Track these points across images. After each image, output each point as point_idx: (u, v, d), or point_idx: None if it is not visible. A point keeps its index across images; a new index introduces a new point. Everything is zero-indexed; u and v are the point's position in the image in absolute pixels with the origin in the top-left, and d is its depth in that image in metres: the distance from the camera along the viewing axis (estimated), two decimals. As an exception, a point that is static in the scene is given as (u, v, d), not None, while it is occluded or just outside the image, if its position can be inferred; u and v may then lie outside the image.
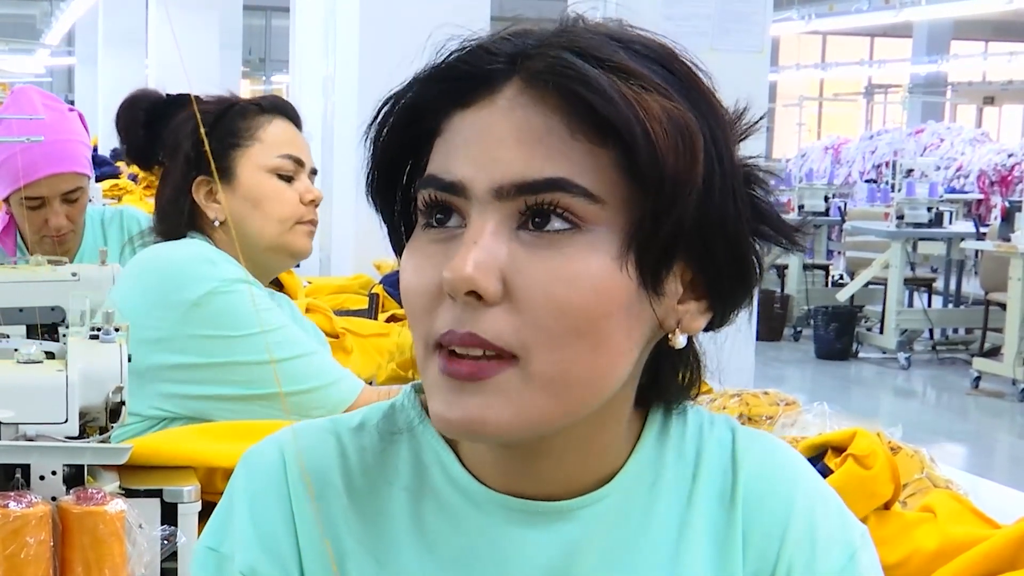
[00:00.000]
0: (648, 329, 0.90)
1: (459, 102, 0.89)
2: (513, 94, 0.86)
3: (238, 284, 1.98)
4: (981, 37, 22.43)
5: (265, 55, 21.13)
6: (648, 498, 0.97)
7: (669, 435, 0.99)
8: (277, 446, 0.99)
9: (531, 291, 0.84)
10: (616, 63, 0.85)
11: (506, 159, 0.85)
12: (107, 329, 1.53)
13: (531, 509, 0.95)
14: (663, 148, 0.83)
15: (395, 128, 0.92)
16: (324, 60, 5.37)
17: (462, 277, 0.83)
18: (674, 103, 0.85)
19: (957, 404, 8.74)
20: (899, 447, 1.94)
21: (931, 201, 10.24)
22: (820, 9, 14.73)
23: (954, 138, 17.66)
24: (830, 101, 23.57)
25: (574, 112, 0.84)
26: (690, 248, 0.87)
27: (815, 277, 11.11)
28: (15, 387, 1.43)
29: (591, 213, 0.85)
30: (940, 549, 1.66)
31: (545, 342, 0.85)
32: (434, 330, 0.87)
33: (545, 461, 0.93)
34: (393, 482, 0.98)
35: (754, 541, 0.97)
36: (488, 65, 0.88)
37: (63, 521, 1.34)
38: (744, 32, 4.33)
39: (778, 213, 0.94)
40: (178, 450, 1.64)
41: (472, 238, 0.85)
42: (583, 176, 0.84)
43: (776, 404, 2.30)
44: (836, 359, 9.78)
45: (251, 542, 0.96)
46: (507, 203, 0.85)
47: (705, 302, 0.92)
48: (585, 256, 0.85)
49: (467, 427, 0.87)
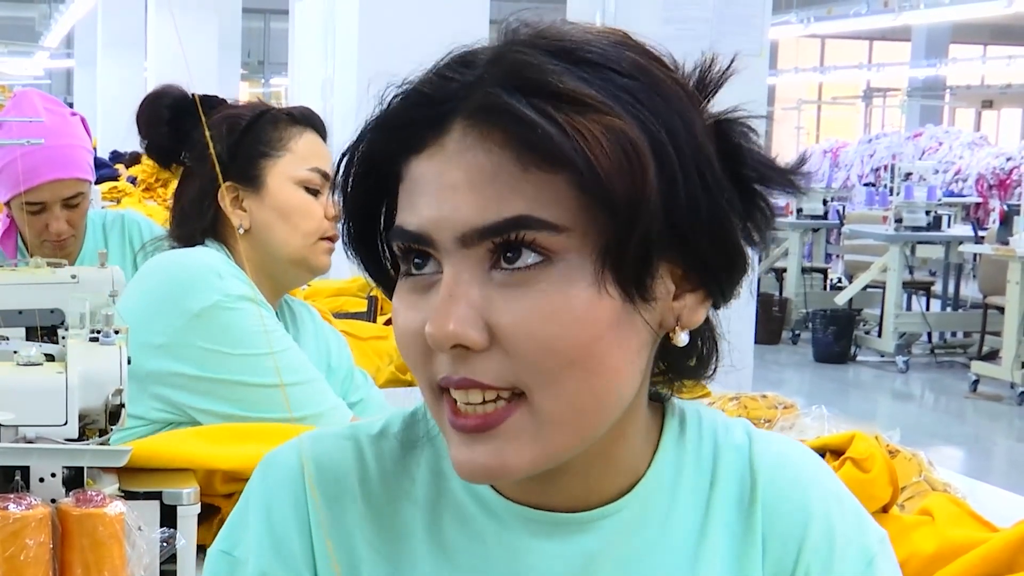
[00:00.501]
0: (645, 336, 0.89)
1: (412, 148, 0.88)
2: (459, 135, 0.85)
3: (243, 302, 1.96)
4: (979, 41, 22.44)
5: (264, 58, 21.13)
6: (666, 506, 0.97)
7: (686, 442, 0.99)
8: (296, 452, 0.99)
9: (516, 334, 0.83)
10: (550, 88, 0.82)
11: (463, 207, 0.84)
12: (107, 332, 1.53)
13: (550, 520, 0.95)
14: (607, 170, 0.81)
15: (357, 179, 0.92)
16: (323, 63, 5.37)
17: (444, 334, 0.83)
18: (614, 117, 0.82)
19: (955, 407, 8.74)
20: (897, 450, 1.95)
21: (929, 204, 10.24)
22: (819, 12, 14.73)
23: (952, 142, 17.68)
24: (829, 104, 23.57)
25: (519, 146, 0.83)
26: (668, 247, 0.86)
27: (813, 280, 11.12)
28: (15, 389, 1.43)
29: (558, 243, 0.83)
30: (938, 552, 1.67)
31: (543, 380, 0.84)
32: (434, 375, 0.87)
33: (566, 476, 0.93)
34: (411, 491, 0.98)
35: (772, 547, 0.96)
36: (430, 109, 0.86)
37: (62, 523, 1.34)
38: (743, 35, 4.33)
39: (765, 158, 0.92)
40: (177, 452, 1.64)
41: (447, 291, 0.84)
42: (542, 208, 0.83)
43: (774, 407, 2.30)
44: (834, 362, 9.79)
45: (265, 547, 0.96)
46: (474, 249, 0.85)
47: (702, 292, 0.91)
48: (561, 289, 0.83)
49: (488, 474, 0.87)
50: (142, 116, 2.17)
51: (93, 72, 13.79)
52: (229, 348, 1.93)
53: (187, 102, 2.12)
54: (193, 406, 1.94)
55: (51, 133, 2.69)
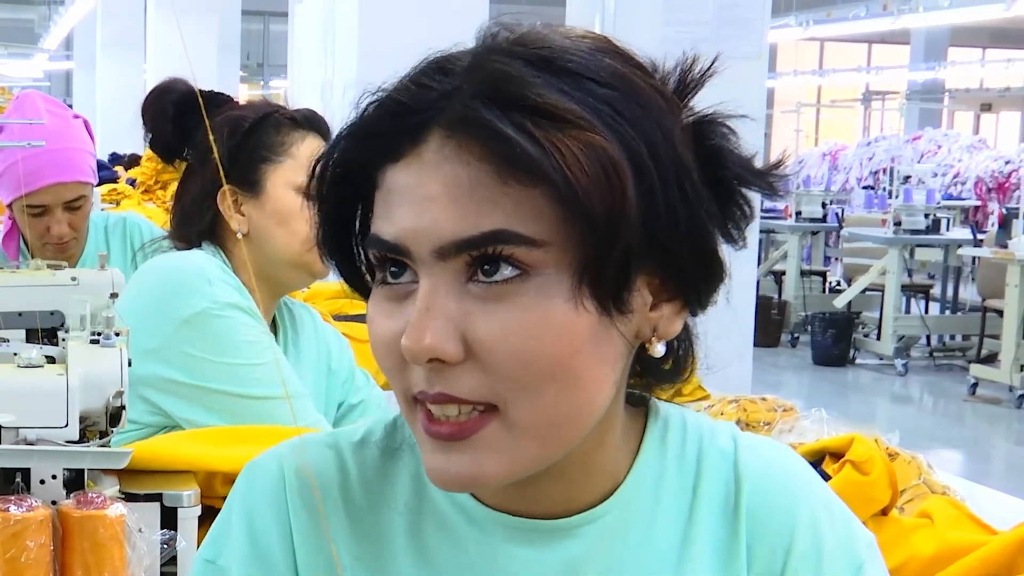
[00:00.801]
0: (621, 347, 0.88)
1: (389, 157, 0.87)
2: (437, 146, 0.84)
3: (231, 309, 1.94)
4: (978, 44, 22.45)
5: (263, 60, 21.13)
6: (649, 512, 0.96)
7: (668, 446, 0.98)
8: (277, 460, 0.99)
9: (492, 348, 0.83)
10: (528, 102, 0.82)
11: (441, 219, 0.83)
12: (107, 334, 1.54)
13: (531, 527, 0.94)
14: (584, 186, 0.80)
15: (332, 186, 0.91)
16: (323, 65, 5.37)
17: (420, 348, 0.83)
18: (592, 133, 0.82)
19: (954, 410, 8.74)
20: (897, 453, 1.95)
21: (928, 208, 10.25)
22: (818, 15, 14.74)
23: (951, 145, 17.68)
24: (828, 107, 23.57)
25: (498, 160, 0.82)
26: (646, 260, 0.85)
27: (812, 283, 11.12)
28: (16, 391, 1.43)
29: (537, 258, 0.83)
30: (937, 555, 1.67)
31: (519, 393, 0.84)
32: (409, 387, 0.87)
33: (545, 482, 0.93)
34: (392, 498, 0.98)
35: (759, 554, 0.96)
36: (407, 119, 0.86)
37: (63, 525, 1.34)
38: (742, 38, 4.33)
39: (744, 159, 0.91)
40: (178, 454, 1.64)
41: (424, 304, 0.84)
42: (521, 223, 0.82)
43: (774, 410, 2.30)
44: (833, 365, 9.79)
45: (247, 556, 0.97)
46: (451, 261, 0.84)
47: (679, 301, 0.90)
48: (539, 303, 0.83)
49: (462, 483, 0.87)
50: (147, 110, 2.15)
51: (92, 74, 13.80)
52: (213, 356, 1.92)
53: (192, 99, 2.10)
54: (178, 414, 1.93)
55: (53, 136, 2.69)
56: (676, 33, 4.13)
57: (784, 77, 20.77)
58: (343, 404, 2.22)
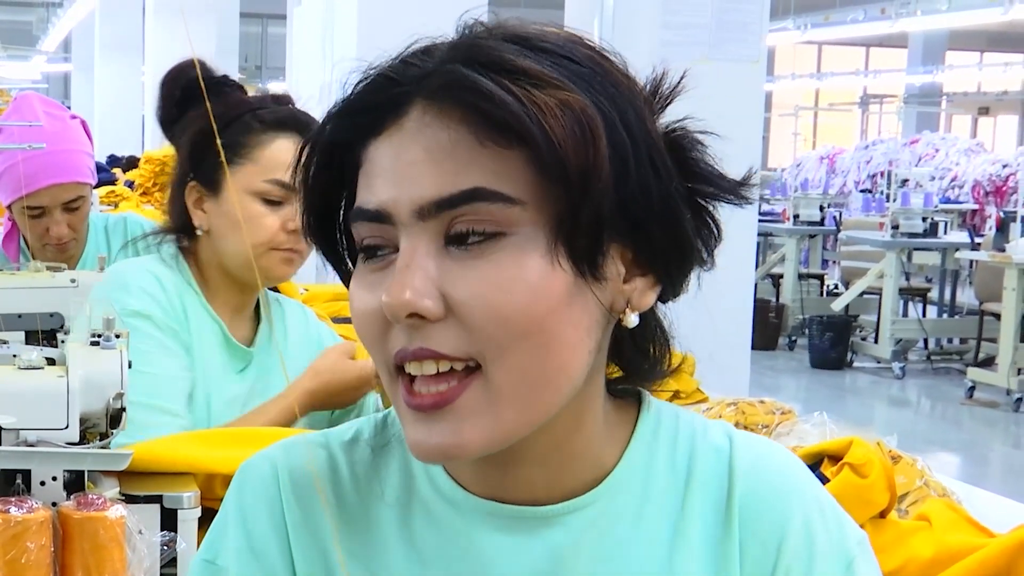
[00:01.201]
0: (597, 316, 0.90)
1: (372, 132, 0.90)
2: (418, 115, 0.87)
3: (135, 317, 1.96)
4: (976, 48, 22.48)
5: (262, 62, 21.12)
6: (638, 505, 0.97)
7: (660, 440, 0.99)
8: (269, 460, 1.01)
9: (470, 303, 0.85)
10: (507, 65, 0.85)
11: (421, 179, 0.86)
12: (108, 335, 1.54)
13: (516, 515, 0.95)
14: (561, 140, 0.83)
15: (319, 168, 0.93)
16: (321, 68, 5.37)
17: (400, 302, 0.85)
18: (569, 92, 0.85)
19: (951, 414, 8.75)
20: (899, 456, 1.95)
21: (926, 211, 10.26)
22: (816, 19, 14.76)
23: (949, 148, 17.68)
24: (825, 111, 23.60)
25: (477, 121, 0.85)
26: (620, 229, 0.88)
27: (810, 286, 11.13)
28: (16, 393, 1.43)
29: (512, 216, 0.85)
30: (935, 558, 1.67)
31: (496, 351, 0.85)
32: (389, 352, 0.88)
33: (525, 466, 0.94)
34: (383, 492, 0.99)
35: (751, 551, 0.97)
36: (389, 92, 0.88)
37: (63, 526, 1.35)
38: (740, 41, 4.34)
39: (717, 171, 0.94)
40: (178, 456, 1.64)
41: (404, 262, 0.86)
42: (498, 181, 0.85)
43: (772, 413, 2.30)
44: (831, 368, 9.79)
45: (245, 554, 0.98)
46: (431, 222, 0.86)
47: (651, 277, 0.92)
48: (515, 259, 0.85)
49: (443, 453, 0.88)
50: (163, 89, 2.16)
51: (91, 76, 13.79)
52: None
53: (196, 85, 2.11)
54: None
55: (51, 137, 2.69)
56: (674, 36, 4.13)
57: (782, 80, 20.79)
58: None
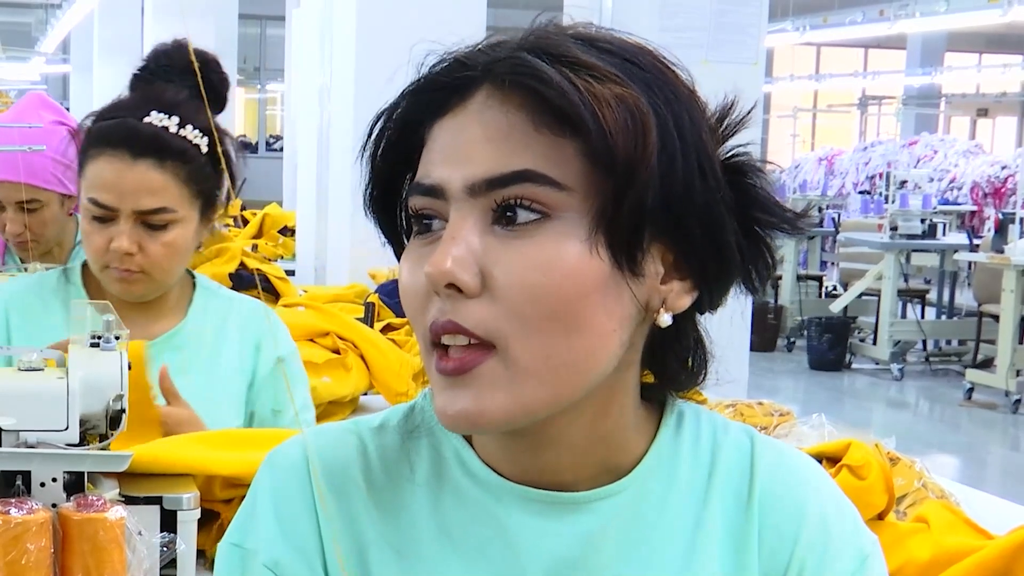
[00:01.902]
0: (630, 310, 0.92)
1: (439, 112, 0.94)
2: (483, 98, 0.91)
3: None
4: (975, 49, 22.47)
5: (260, 64, 21.11)
6: (663, 495, 1.00)
7: (683, 435, 1.02)
8: (300, 446, 1.03)
9: (507, 280, 0.88)
10: (571, 58, 0.89)
11: (476, 157, 0.90)
12: (107, 337, 1.54)
13: (548, 500, 0.97)
14: (613, 130, 0.86)
15: (388, 143, 0.97)
16: (320, 69, 5.38)
17: (441, 271, 0.88)
18: (626, 89, 0.88)
19: (950, 415, 8.75)
20: (898, 458, 1.96)
21: (924, 213, 10.26)
22: (814, 21, 14.75)
23: (948, 150, 17.69)
24: (824, 112, 23.59)
25: (535, 108, 0.88)
26: (662, 228, 0.91)
27: (808, 288, 11.13)
28: (16, 394, 1.43)
29: (558, 201, 0.89)
30: (933, 559, 1.67)
31: (521, 329, 0.88)
32: (427, 324, 0.91)
33: (553, 450, 0.96)
34: (412, 477, 1.01)
35: (767, 539, 0.99)
36: (459, 74, 0.92)
37: (63, 528, 1.35)
38: (738, 43, 4.35)
39: (774, 199, 0.97)
40: (178, 458, 1.64)
41: (450, 234, 0.90)
42: (548, 166, 0.88)
43: (770, 415, 2.30)
44: (829, 370, 9.79)
45: (275, 536, 0.99)
46: (480, 199, 0.90)
47: (689, 282, 0.95)
48: (556, 242, 0.88)
49: (465, 419, 0.91)
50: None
51: (89, 77, 13.78)
52: None
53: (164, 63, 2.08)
54: None
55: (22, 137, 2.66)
56: (673, 39, 4.14)
57: (781, 82, 20.78)
58: (254, 413, 2.15)
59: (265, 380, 2.14)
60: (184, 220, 1.97)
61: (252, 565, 0.99)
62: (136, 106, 1.98)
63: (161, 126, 1.94)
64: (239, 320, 2.16)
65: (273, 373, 2.13)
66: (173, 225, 1.94)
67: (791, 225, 0.97)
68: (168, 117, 1.95)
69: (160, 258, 1.95)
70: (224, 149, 2.02)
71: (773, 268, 0.98)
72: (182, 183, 1.94)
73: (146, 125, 1.94)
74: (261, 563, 0.98)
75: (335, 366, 2.96)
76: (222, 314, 2.15)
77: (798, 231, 0.98)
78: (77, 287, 2.07)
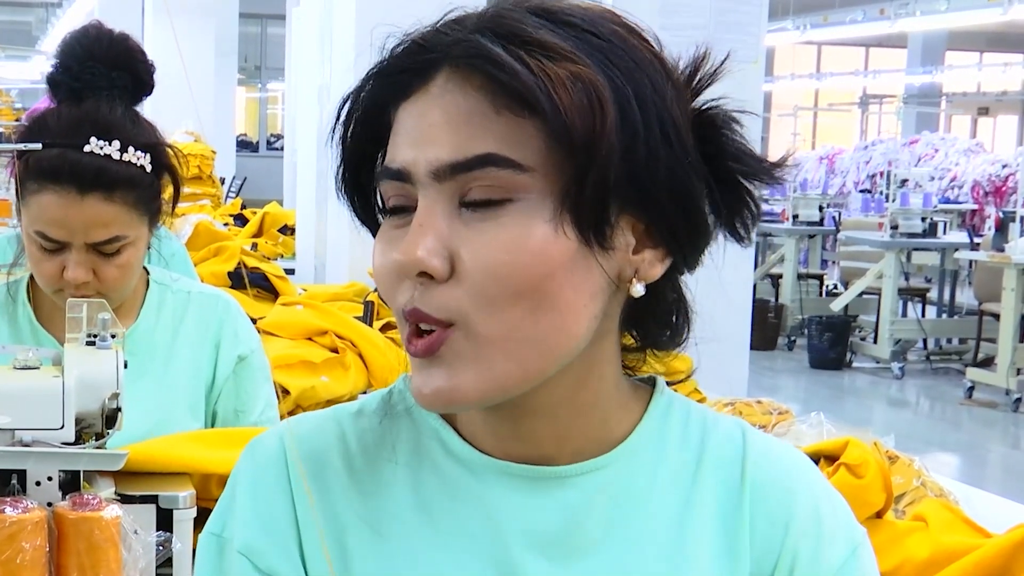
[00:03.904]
0: (601, 283, 0.92)
1: (402, 95, 0.94)
2: (443, 81, 0.91)
3: None
4: (975, 48, 22.47)
5: (261, 63, 21.11)
6: (650, 473, 0.99)
7: (672, 419, 1.02)
8: (278, 435, 1.03)
9: (473, 262, 0.89)
10: (525, 38, 0.89)
11: (439, 142, 0.90)
12: (103, 336, 1.54)
13: (530, 474, 0.97)
14: (568, 109, 0.86)
15: (357, 124, 0.98)
16: (320, 68, 5.38)
17: (412, 260, 0.89)
18: (580, 66, 0.88)
19: (950, 414, 8.75)
20: (897, 456, 1.96)
21: (925, 211, 10.26)
22: (815, 19, 14.76)
23: (948, 148, 17.68)
24: (825, 111, 23.60)
25: (494, 90, 0.88)
26: (629, 200, 0.90)
27: (809, 287, 11.13)
28: (12, 393, 1.43)
29: (522, 182, 0.89)
30: (932, 558, 1.67)
31: (484, 307, 0.89)
32: (399, 304, 0.92)
33: (533, 421, 0.96)
34: (393, 457, 1.01)
35: (759, 527, 0.99)
36: (420, 56, 0.92)
37: (59, 526, 1.35)
38: (739, 42, 4.34)
39: (750, 150, 0.97)
40: (173, 456, 1.64)
41: (419, 221, 0.90)
42: (510, 148, 0.88)
43: (769, 413, 2.31)
44: (830, 369, 9.79)
45: (251, 522, 0.99)
46: (446, 184, 0.90)
47: (661, 250, 0.94)
48: (521, 223, 0.88)
49: (439, 397, 0.91)
50: None
51: (90, 76, 13.76)
52: None
53: None
54: None
55: None
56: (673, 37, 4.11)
57: (781, 81, 20.80)
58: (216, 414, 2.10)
59: (226, 380, 2.09)
60: (136, 240, 1.92)
61: (228, 552, 0.99)
62: (71, 132, 1.87)
63: (104, 155, 1.85)
64: (197, 316, 2.10)
65: (235, 372, 2.09)
66: (126, 248, 1.90)
67: (767, 174, 0.97)
68: (108, 143, 1.86)
69: (115, 280, 1.91)
70: (167, 161, 1.95)
71: (758, 215, 0.98)
72: (131, 208, 1.88)
73: (89, 156, 1.84)
74: (236, 550, 0.98)
75: (333, 365, 2.97)
76: (179, 311, 2.09)
77: (775, 180, 0.97)
78: (24, 305, 2.02)
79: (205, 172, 7.04)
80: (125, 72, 1.97)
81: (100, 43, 2.00)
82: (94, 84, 1.94)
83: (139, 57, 2.03)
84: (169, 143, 2.01)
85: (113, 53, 1.99)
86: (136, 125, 1.93)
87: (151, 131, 1.96)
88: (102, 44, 2.00)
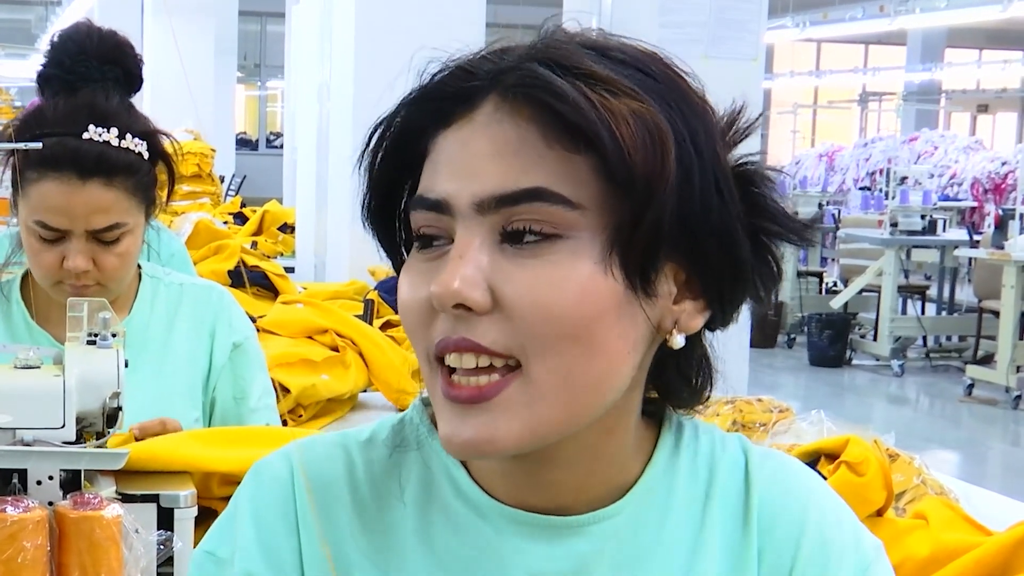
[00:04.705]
0: (644, 331, 0.89)
1: (442, 122, 0.90)
2: (490, 110, 0.88)
3: None
4: (975, 45, 22.45)
5: (260, 61, 21.10)
6: (660, 515, 0.97)
7: (681, 454, 0.99)
8: (286, 459, 1.00)
9: (518, 299, 0.85)
10: (584, 70, 0.85)
11: (484, 173, 0.86)
12: (104, 335, 1.54)
13: (540, 523, 0.95)
14: (631, 147, 0.83)
15: (387, 152, 0.93)
16: (320, 66, 5.38)
17: (449, 291, 0.85)
18: (642, 103, 0.85)
19: (950, 411, 8.75)
20: (897, 454, 1.96)
21: (925, 209, 10.27)
22: (814, 17, 14.75)
23: (948, 146, 17.69)
24: (824, 108, 23.58)
25: (547, 122, 0.85)
26: (677, 247, 0.88)
27: (809, 284, 11.12)
28: (13, 392, 1.43)
29: (571, 220, 0.85)
30: (932, 556, 1.67)
31: (540, 349, 0.85)
32: (431, 341, 0.88)
33: (553, 470, 0.93)
34: (400, 495, 0.98)
35: (768, 558, 0.97)
36: (464, 83, 0.89)
37: (60, 526, 1.35)
38: (738, 39, 4.34)
39: (784, 210, 0.94)
40: (175, 455, 1.64)
41: (458, 252, 0.86)
42: (560, 184, 0.85)
43: (769, 411, 2.30)
44: (829, 366, 9.79)
45: (252, 549, 0.97)
46: (489, 216, 0.86)
47: (702, 301, 0.92)
48: (569, 262, 0.85)
49: (476, 448, 0.88)
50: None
51: (89, 75, 13.76)
52: None
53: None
54: None
55: None
56: (672, 35, 4.13)
57: (781, 78, 20.78)
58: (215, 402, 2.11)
59: (222, 368, 2.11)
60: (134, 228, 1.94)
61: (225, 574, 0.97)
62: (69, 120, 1.89)
63: (103, 141, 1.88)
64: (191, 307, 2.12)
65: (231, 360, 2.11)
66: (125, 236, 1.92)
67: (799, 236, 0.94)
68: (107, 130, 1.88)
69: (115, 269, 1.93)
70: (163, 150, 1.97)
71: (779, 279, 0.95)
72: (130, 195, 1.91)
73: (88, 143, 1.87)
74: (235, 574, 0.96)
75: (334, 363, 2.96)
76: (172, 303, 2.11)
77: (806, 242, 0.96)
78: (18, 303, 2.03)
79: (205, 170, 7.04)
80: (116, 66, 2.00)
81: (91, 39, 2.03)
82: (87, 76, 1.97)
83: (129, 51, 2.06)
84: (165, 131, 2.03)
85: (104, 48, 2.02)
86: (131, 114, 1.95)
87: (146, 120, 1.98)
88: (93, 40, 2.03)
